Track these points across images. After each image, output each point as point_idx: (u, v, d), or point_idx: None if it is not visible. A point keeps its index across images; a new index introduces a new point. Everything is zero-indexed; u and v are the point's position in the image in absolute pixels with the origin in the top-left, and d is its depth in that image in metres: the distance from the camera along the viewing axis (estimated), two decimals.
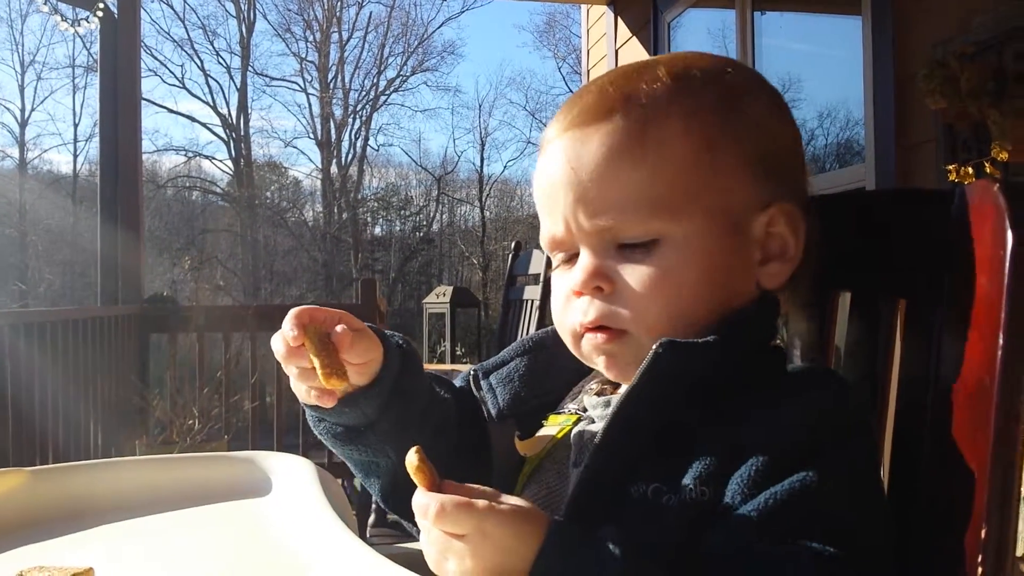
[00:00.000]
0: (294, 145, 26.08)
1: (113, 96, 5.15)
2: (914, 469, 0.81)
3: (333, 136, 23.36)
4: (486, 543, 0.64)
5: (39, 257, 21.90)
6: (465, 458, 0.88)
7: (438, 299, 6.08)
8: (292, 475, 1.03)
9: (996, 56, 2.57)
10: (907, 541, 0.77)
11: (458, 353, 5.80)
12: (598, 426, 0.82)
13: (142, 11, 5.47)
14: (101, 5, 4.86)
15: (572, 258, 0.83)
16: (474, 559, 0.64)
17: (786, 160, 0.84)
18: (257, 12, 23.02)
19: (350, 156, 23.62)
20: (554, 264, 0.86)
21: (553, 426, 0.87)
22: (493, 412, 0.90)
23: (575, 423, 0.85)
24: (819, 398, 0.77)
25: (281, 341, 0.78)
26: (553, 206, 0.82)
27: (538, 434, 0.87)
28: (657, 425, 0.75)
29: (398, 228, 24.99)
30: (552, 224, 0.82)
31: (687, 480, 0.72)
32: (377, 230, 24.91)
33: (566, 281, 0.83)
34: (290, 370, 0.80)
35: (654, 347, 0.75)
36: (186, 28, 22.47)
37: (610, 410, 0.78)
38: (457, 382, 0.97)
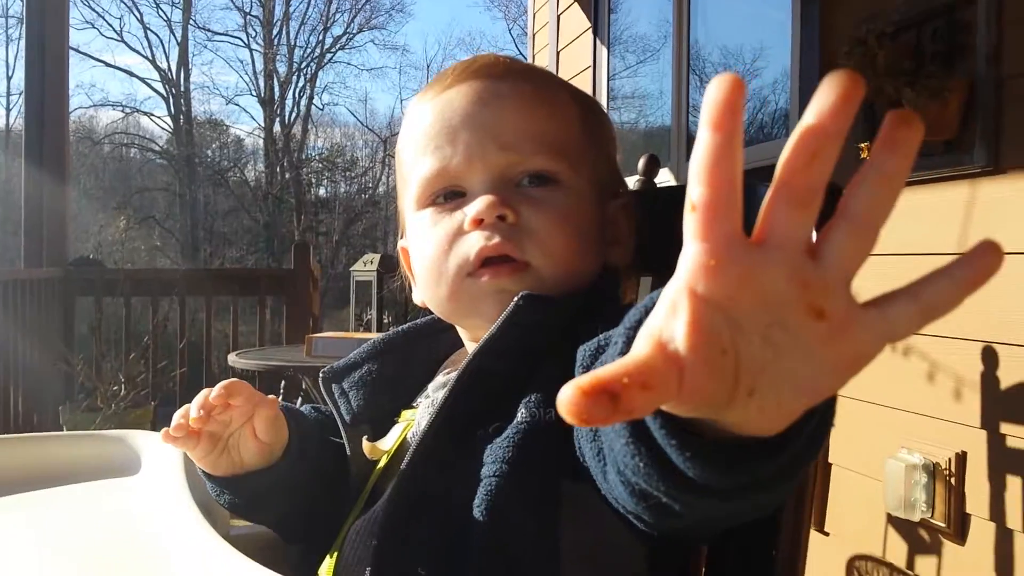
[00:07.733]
0: (236, 102, 25.62)
1: (40, 45, 4.96)
2: None
3: (277, 94, 22.92)
4: None
5: None
6: (332, 468, 0.88)
7: (365, 267, 6.02)
8: (161, 455, 1.01)
9: (915, 35, 2.59)
10: None
11: (385, 321, 5.74)
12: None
13: None
14: None
15: (451, 198, 0.82)
16: None
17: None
18: None
19: (294, 115, 23.22)
20: (418, 207, 0.84)
21: (403, 422, 0.86)
22: (347, 418, 0.87)
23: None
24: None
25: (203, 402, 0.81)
26: (453, 139, 0.81)
27: (389, 433, 0.86)
28: (508, 374, 0.75)
29: (343, 190, 24.69)
30: (445, 159, 0.81)
31: (522, 409, 0.72)
32: (321, 191, 24.59)
33: (453, 219, 0.81)
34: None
35: (515, 299, 0.75)
36: None
37: (466, 359, 0.76)
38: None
